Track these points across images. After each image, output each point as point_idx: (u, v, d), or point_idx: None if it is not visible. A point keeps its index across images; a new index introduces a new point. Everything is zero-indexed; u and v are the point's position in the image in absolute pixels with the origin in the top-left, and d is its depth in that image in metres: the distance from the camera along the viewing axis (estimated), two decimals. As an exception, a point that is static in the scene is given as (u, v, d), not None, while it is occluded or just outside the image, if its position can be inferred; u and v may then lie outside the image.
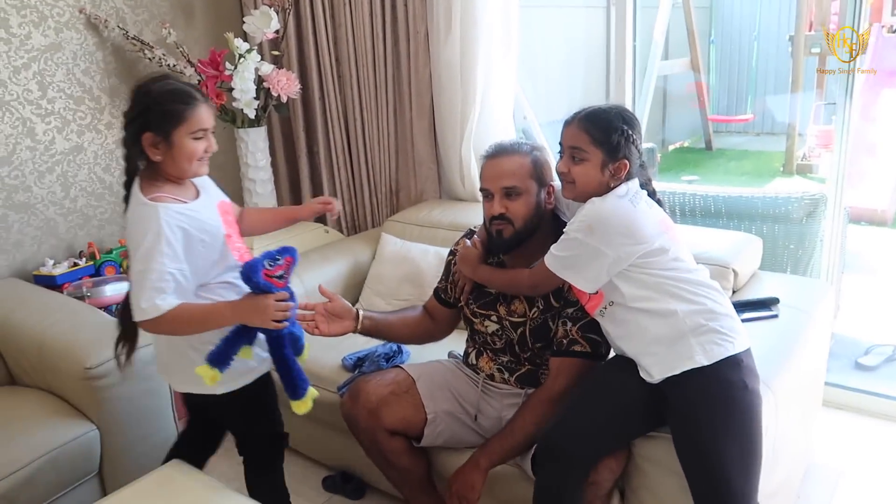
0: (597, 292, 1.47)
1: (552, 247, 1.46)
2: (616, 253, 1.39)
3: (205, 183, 1.56)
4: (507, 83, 2.54)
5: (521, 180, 1.54)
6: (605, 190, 1.44)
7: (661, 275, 1.40)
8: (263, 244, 2.56)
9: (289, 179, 3.13)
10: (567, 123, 1.48)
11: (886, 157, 5.33)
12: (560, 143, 1.49)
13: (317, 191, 3.05)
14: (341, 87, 2.82)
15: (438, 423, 1.65)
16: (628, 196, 1.44)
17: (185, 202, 1.44)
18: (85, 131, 2.61)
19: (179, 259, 1.37)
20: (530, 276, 1.53)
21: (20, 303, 2.11)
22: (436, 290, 1.84)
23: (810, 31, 6.48)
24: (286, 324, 1.42)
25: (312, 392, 1.51)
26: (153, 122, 1.38)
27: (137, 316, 1.36)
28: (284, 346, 1.48)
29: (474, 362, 1.76)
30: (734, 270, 1.90)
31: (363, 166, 2.86)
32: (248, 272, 1.38)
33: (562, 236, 1.45)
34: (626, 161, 1.44)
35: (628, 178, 1.46)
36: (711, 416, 1.33)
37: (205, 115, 1.43)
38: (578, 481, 1.40)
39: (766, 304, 1.84)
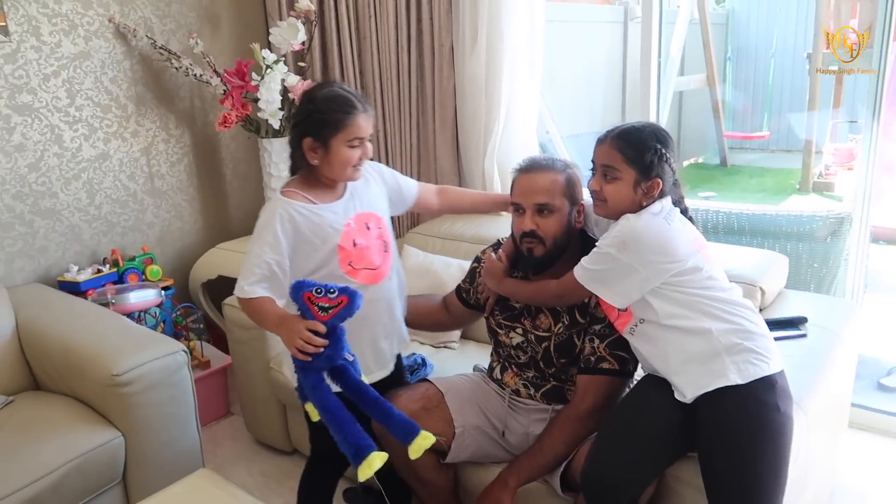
0: (626, 309, 1.46)
1: (583, 259, 1.46)
2: (648, 270, 1.39)
3: (359, 190, 1.58)
4: (532, 97, 2.55)
5: (555, 197, 1.53)
6: (637, 208, 1.45)
7: (696, 293, 1.40)
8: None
9: (309, 189, 3.14)
10: (600, 141, 1.49)
11: (906, 176, 5.28)
12: (592, 161, 1.50)
13: (337, 201, 3.06)
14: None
15: (466, 438, 1.64)
16: (662, 214, 1.44)
17: (314, 202, 1.49)
18: (111, 139, 2.63)
19: (280, 252, 1.44)
20: (557, 286, 1.53)
21: (46, 308, 2.12)
22: (458, 288, 1.84)
23: (827, 48, 6.47)
24: (307, 357, 1.32)
25: (378, 455, 1.29)
26: (313, 129, 1.45)
27: (235, 292, 1.46)
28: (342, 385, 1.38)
29: (499, 377, 1.75)
30: (761, 289, 1.89)
31: (385, 178, 2.87)
32: (293, 287, 1.38)
33: (594, 249, 1.45)
34: (660, 180, 1.44)
35: (661, 196, 1.46)
36: (744, 436, 1.32)
37: (362, 124, 1.47)
38: None
39: (795, 323, 1.83)
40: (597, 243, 1.45)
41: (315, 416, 1.37)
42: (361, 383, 1.39)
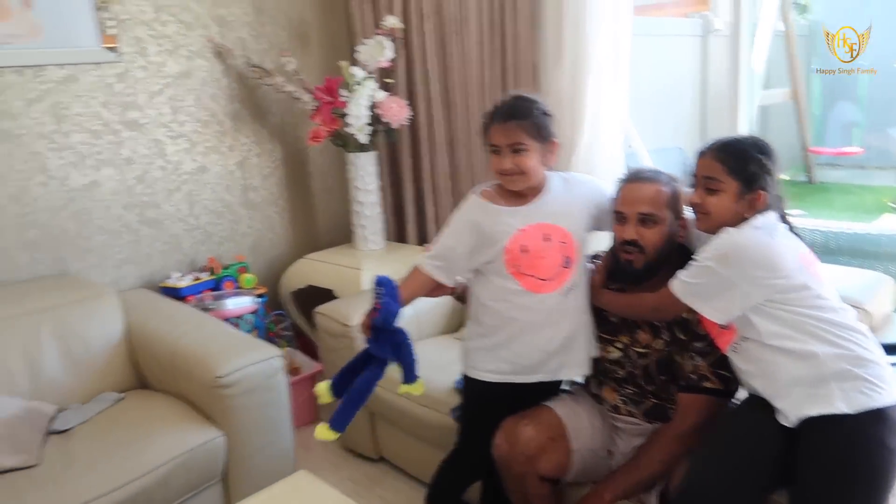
0: (727, 326, 1.43)
1: (680, 272, 1.45)
2: (750, 286, 1.35)
3: (549, 201, 1.61)
4: (617, 112, 2.53)
5: (659, 208, 1.53)
6: (739, 221, 1.42)
7: (803, 313, 1.35)
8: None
9: (393, 204, 3.21)
10: (701, 154, 1.48)
11: None
12: (693, 175, 1.49)
13: (420, 214, 3.12)
14: (448, 114, 2.89)
15: (578, 461, 1.63)
16: (765, 228, 1.41)
17: (499, 205, 1.60)
18: (210, 153, 2.77)
19: (457, 239, 1.62)
20: (654, 299, 1.51)
21: (153, 312, 2.25)
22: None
23: (924, 59, 6.14)
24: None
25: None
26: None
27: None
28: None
29: (597, 392, 1.74)
30: (867, 311, 1.81)
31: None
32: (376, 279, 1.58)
33: (692, 262, 1.43)
34: (763, 192, 1.42)
35: (765, 209, 1.43)
36: (844, 469, 1.27)
37: (494, 133, 1.56)
38: None
39: (907, 348, 1.74)
40: (695, 256, 1.44)
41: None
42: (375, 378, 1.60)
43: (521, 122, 1.53)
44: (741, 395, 1.53)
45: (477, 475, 1.80)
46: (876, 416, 1.28)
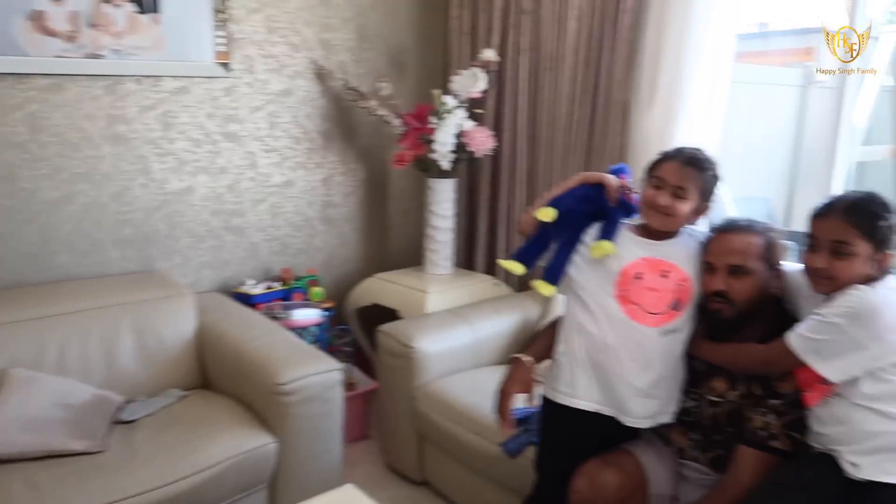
0: (828, 383, 1.36)
1: (800, 326, 1.38)
2: (880, 349, 1.29)
3: (673, 244, 1.62)
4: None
5: (750, 259, 1.48)
6: (864, 283, 1.35)
7: None
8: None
9: (465, 231, 3.23)
10: (822, 215, 1.41)
11: None
12: (812, 237, 1.42)
13: (491, 244, 3.12)
14: (532, 148, 2.89)
15: None
16: None
17: (635, 234, 1.64)
18: (298, 168, 2.88)
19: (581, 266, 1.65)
20: (765, 352, 1.45)
21: (224, 315, 2.33)
22: None
23: None
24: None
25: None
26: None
27: None
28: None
29: (664, 433, 1.69)
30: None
31: (542, 226, 2.88)
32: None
33: (814, 317, 1.36)
34: (891, 253, 1.35)
35: (889, 271, 1.37)
36: None
37: (668, 169, 1.58)
38: None
39: None
40: (819, 311, 1.37)
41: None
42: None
43: (697, 173, 1.56)
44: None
45: None
46: None
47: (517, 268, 1.66)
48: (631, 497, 1.54)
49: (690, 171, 1.55)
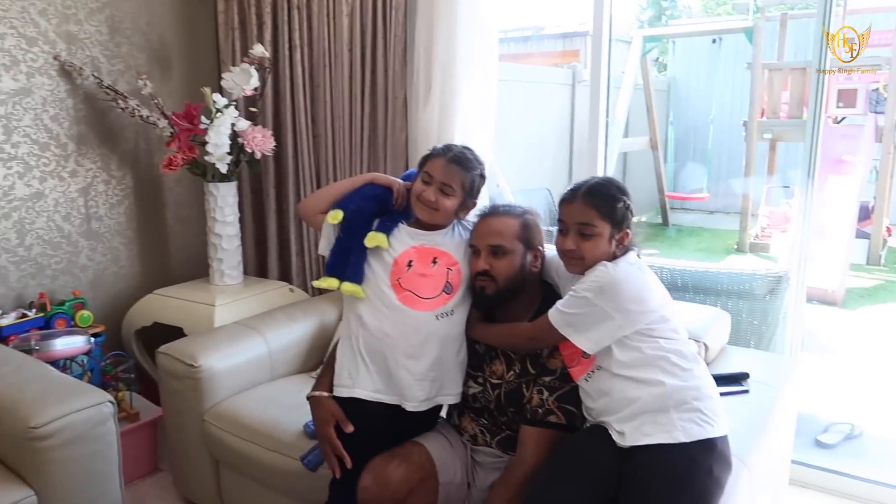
0: (588, 357, 1.46)
1: (558, 302, 1.47)
2: (624, 318, 1.40)
3: (445, 234, 1.68)
4: (484, 151, 2.57)
5: (508, 240, 1.56)
6: (610, 260, 1.46)
7: (660, 345, 1.41)
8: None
9: (254, 237, 3.07)
10: (567, 201, 1.50)
11: (835, 239, 5.56)
12: (560, 221, 1.51)
13: (283, 249, 3.00)
14: (316, 146, 2.82)
15: (443, 495, 1.60)
16: (637, 264, 1.47)
17: (409, 227, 1.68)
18: (48, 178, 2.53)
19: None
20: (530, 329, 1.53)
21: (-39, 354, 1.97)
22: None
23: (762, 117, 6.84)
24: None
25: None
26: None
27: None
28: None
29: (457, 422, 1.73)
30: (705, 344, 1.91)
31: (333, 226, 2.83)
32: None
33: (569, 293, 1.46)
34: (629, 231, 1.48)
35: (631, 247, 1.49)
36: (664, 488, 1.31)
37: (437, 166, 1.63)
38: None
39: (737, 378, 1.85)
40: (573, 288, 1.46)
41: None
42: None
43: (462, 172, 1.62)
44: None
45: None
46: (706, 446, 1.34)
47: (332, 283, 1.66)
48: (419, 487, 1.55)
49: (456, 170, 1.62)
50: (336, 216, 1.68)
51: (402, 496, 1.52)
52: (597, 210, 1.45)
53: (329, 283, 1.65)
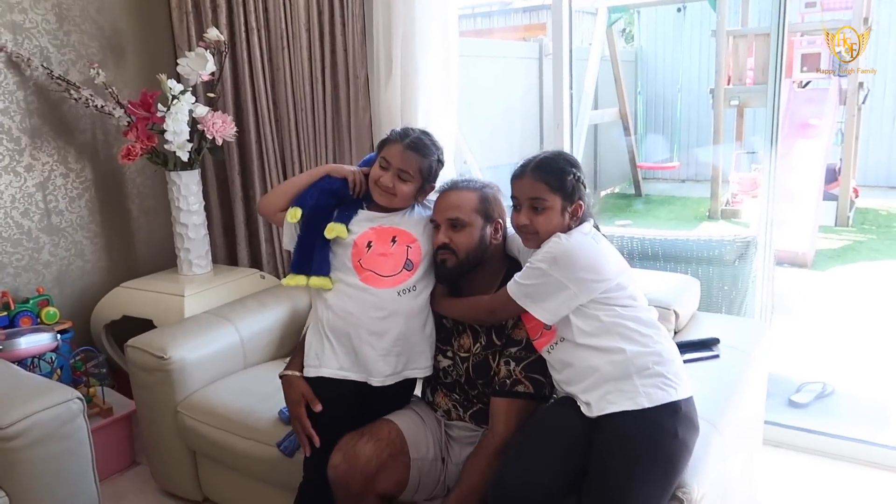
0: (551, 328, 1.46)
1: (516, 275, 1.48)
2: (578, 287, 1.41)
3: (405, 214, 1.71)
4: (448, 128, 2.55)
5: (466, 213, 1.57)
6: (564, 232, 1.47)
7: (617, 313, 1.42)
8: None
9: (222, 224, 3.02)
10: (517, 177, 1.51)
11: (803, 202, 5.64)
12: (514, 197, 1.51)
13: (252, 236, 2.96)
14: (279, 130, 2.77)
15: (416, 472, 1.60)
16: (591, 234, 1.47)
17: (367, 210, 1.70)
18: (1, 174, 2.46)
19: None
20: (490, 301, 1.55)
21: (-79, 359, 1.92)
22: None
23: (729, 84, 6.88)
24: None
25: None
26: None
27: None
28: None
29: (431, 398, 1.74)
30: (675, 312, 1.93)
31: (302, 211, 2.79)
32: None
33: (526, 265, 1.47)
34: (581, 202, 1.48)
35: (585, 218, 1.50)
36: (631, 454, 1.33)
37: (393, 151, 1.64)
38: None
39: (708, 344, 1.87)
40: (529, 260, 1.47)
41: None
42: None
43: (418, 158, 1.64)
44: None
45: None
46: (670, 409, 1.36)
47: (300, 280, 1.67)
48: (389, 462, 1.56)
49: (413, 156, 1.63)
50: (295, 214, 1.69)
51: (371, 472, 1.52)
52: (546, 184, 1.46)
53: (297, 280, 1.67)
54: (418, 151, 1.64)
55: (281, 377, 1.72)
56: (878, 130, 7.56)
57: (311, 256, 1.67)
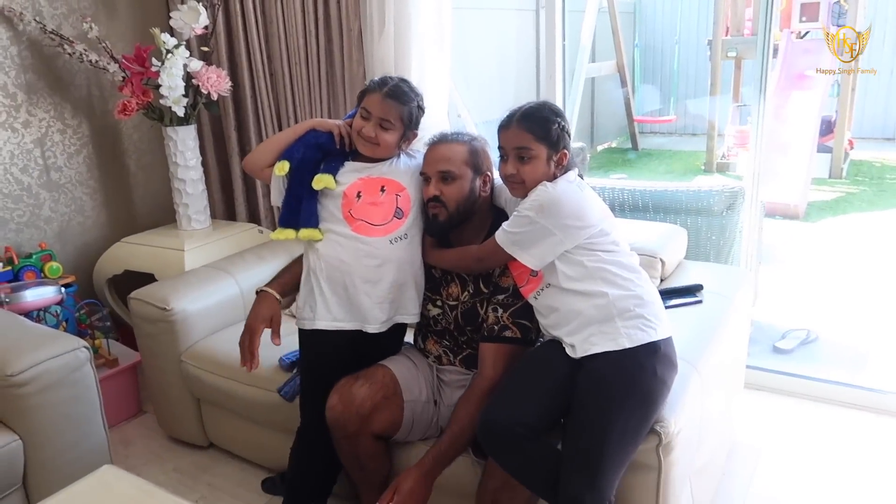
0: (537, 274, 1.52)
1: (504, 224, 1.52)
2: (564, 234, 1.46)
3: (391, 163, 1.72)
4: (441, 81, 2.56)
5: (457, 166, 1.60)
6: (550, 181, 1.51)
7: (600, 258, 1.47)
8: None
9: (220, 180, 3.06)
10: (504, 127, 1.54)
11: (797, 155, 5.66)
12: (500, 148, 1.55)
13: (249, 191, 3.00)
14: (273, 84, 2.78)
15: (409, 413, 1.67)
16: (576, 182, 1.52)
17: (354, 162, 1.72)
18: (-1, 130, 2.48)
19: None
20: (478, 250, 1.59)
21: (-69, 311, 1.98)
22: None
23: (727, 35, 6.81)
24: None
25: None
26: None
27: None
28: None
29: (422, 345, 1.81)
30: (661, 260, 1.99)
31: (297, 165, 2.82)
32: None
33: (513, 214, 1.51)
34: (566, 151, 1.52)
35: (570, 166, 1.54)
36: (611, 389, 1.39)
37: (372, 102, 1.65)
38: (536, 445, 1.40)
39: (691, 290, 1.93)
40: (516, 209, 1.51)
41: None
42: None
43: (398, 105, 1.64)
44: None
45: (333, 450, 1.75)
46: (650, 349, 1.43)
47: (288, 233, 1.68)
48: (383, 403, 1.63)
49: (392, 104, 1.64)
50: (283, 167, 1.70)
51: (366, 412, 1.60)
52: (532, 133, 1.49)
53: (286, 234, 1.68)
54: (397, 99, 1.64)
55: (258, 292, 1.74)
56: (875, 82, 7.50)
57: (299, 209, 1.68)
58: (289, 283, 1.75)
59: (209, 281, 2.29)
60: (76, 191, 2.75)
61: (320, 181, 1.67)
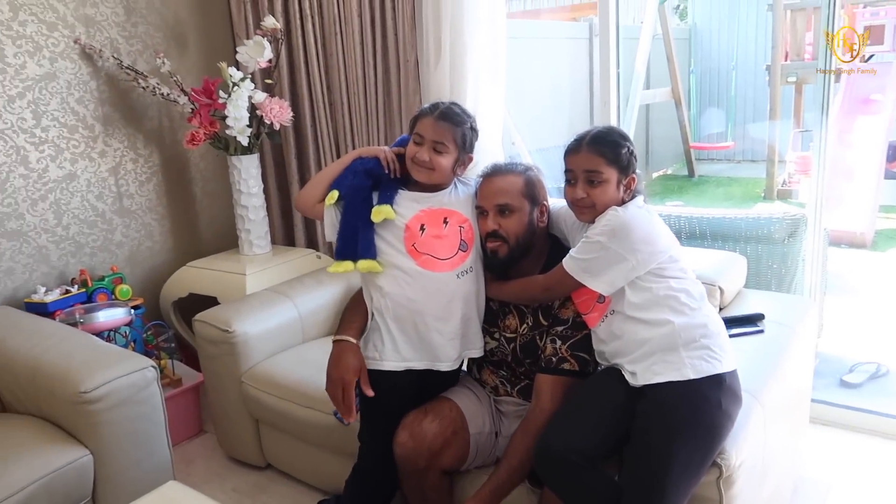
0: (604, 300, 1.51)
1: (571, 251, 1.51)
2: (636, 259, 1.44)
3: (450, 193, 1.70)
4: (496, 110, 2.60)
5: (514, 198, 1.58)
6: (619, 205, 1.50)
7: (669, 285, 1.45)
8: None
9: (280, 206, 3.16)
10: (573, 151, 1.53)
11: (863, 181, 5.46)
12: (568, 171, 1.54)
13: (308, 219, 3.08)
14: (332, 114, 2.88)
15: (474, 446, 1.66)
16: (645, 207, 1.51)
17: (411, 192, 1.69)
18: (78, 159, 2.63)
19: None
20: (545, 280, 1.57)
21: (13, 330, 2.10)
22: None
23: (786, 60, 6.67)
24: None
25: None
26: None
27: None
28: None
29: (478, 375, 1.80)
30: (720, 288, 1.95)
31: (354, 192, 2.89)
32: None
33: (582, 240, 1.49)
34: (635, 175, 1.52)
35: (636, 192, 1.53)
36: (675, 420, 1.37)
37: (425, 125, 1.63)
38: (592, 475, 1.38)
39: (753, 319, 1.88)
40: (585, 234, 1.50)
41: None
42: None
43: (451, 127, 1.62)
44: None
45: (390, 486, 1.75)
46: (715, 381, 1.40)
47: (347, 266, 1.63)
48: (452, 439, 1.62)
49: (445, 126, 1.61)
50: (332, 196, 1.66)
51: (437, 449, 1.59)
52: (603, 157, 1.48)
53: (344, 266, 1.62)
54: (450, 120, 1.62)
55: (335, 342, 1.67)
56: (948, 105, 7.19)
57: (356, 240, 1.62)
58: (363, 327, 1.70)
59: (269, 304, 2.36)
60: (146, 217, 2.88)
61: (379, 213, 1.62)
